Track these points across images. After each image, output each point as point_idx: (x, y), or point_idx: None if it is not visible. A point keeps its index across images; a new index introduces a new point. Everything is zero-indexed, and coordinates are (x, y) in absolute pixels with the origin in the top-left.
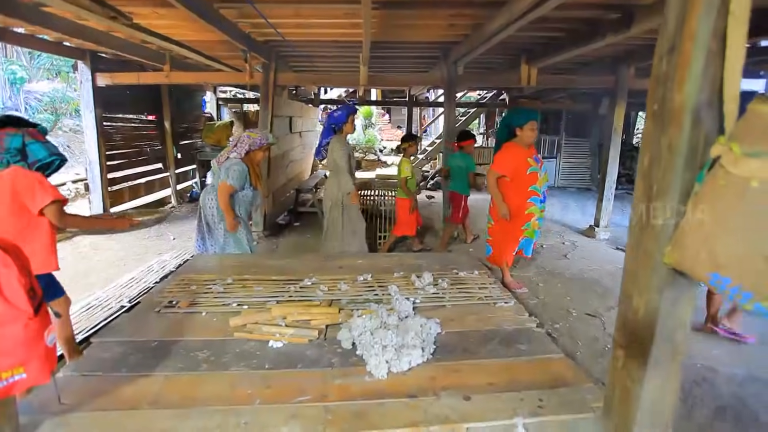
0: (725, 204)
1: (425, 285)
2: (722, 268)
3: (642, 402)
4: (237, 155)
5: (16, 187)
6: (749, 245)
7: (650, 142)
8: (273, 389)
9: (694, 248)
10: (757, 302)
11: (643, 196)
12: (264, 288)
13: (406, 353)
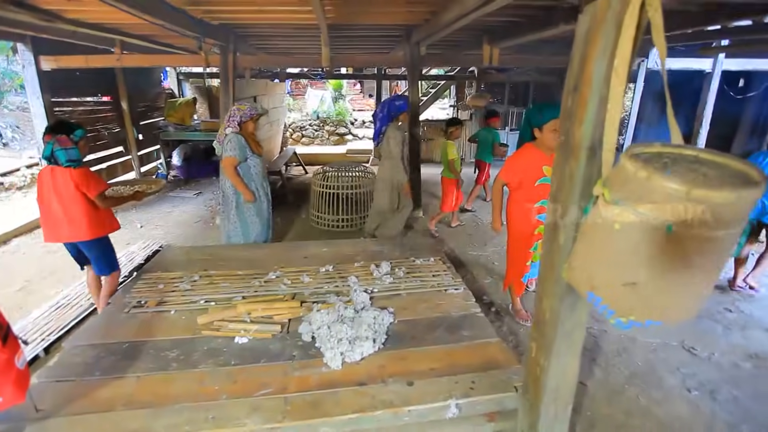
0: (598, 239)
1: (383, 275)
2: (596, 289)
3: (548, 384)
4: (232, 129)
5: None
6: (613, 274)
7: (558, 169)
8: (238, 384)
9: (579, 269)
10: (618, 318)
11: (552, 215)
12: (230, 284)
13: (359, 345)
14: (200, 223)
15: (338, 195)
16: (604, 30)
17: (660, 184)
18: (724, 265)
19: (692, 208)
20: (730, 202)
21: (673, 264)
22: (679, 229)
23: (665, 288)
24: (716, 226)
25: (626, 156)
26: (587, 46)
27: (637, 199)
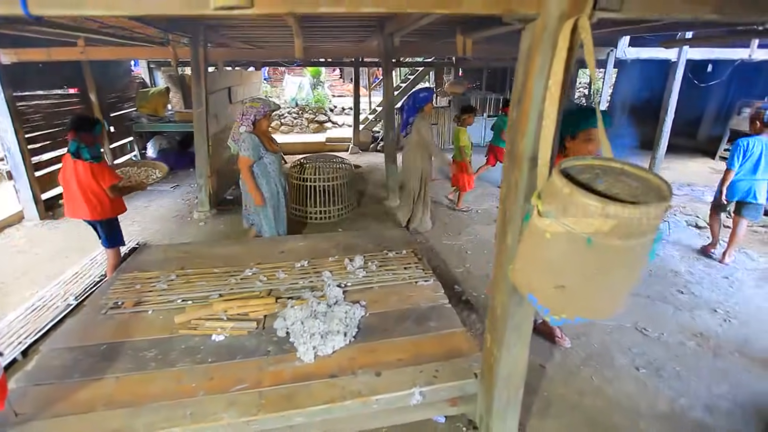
0: (534, 246)
1: (356, 269)
2: (534, 291)
3: (500, 372)
4: (246, 128)
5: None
6: (545, 278)
7: (506, 176)
8: (215, 380)
9: (520, 272)
10: (551, 316)
11: (501, 220)
12: (206, 282)
13: (331, 339)
14: (178, 218)
15: (315, 187)
16: (542, 49)
17: (580, 201)
18: (641, 268)
19: (606, 222)
20: (638, 217)
21: (595, 270)
22: (597, 239)
23: (590, 290)
24: (628, 237)
25: (556, 171)
26: (528, 63)
27: (563, 213)
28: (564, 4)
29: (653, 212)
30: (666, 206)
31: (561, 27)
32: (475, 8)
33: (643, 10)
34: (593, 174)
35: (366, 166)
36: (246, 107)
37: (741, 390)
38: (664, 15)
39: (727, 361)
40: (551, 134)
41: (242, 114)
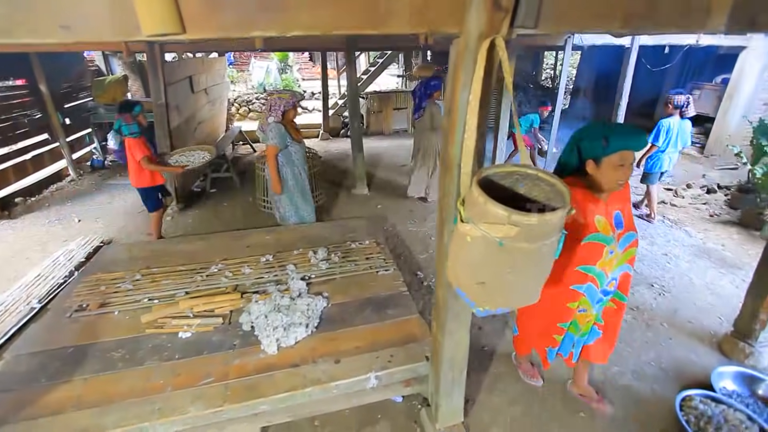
0: (459, 246)
1: (319, 261)
2: (461, 286)
3: (444, 355)
4: (275, 118)
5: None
6: (469, 275)
7: (441, 180)
8: (182, 376)
9: (451, 269)
10: (477, 308)
11: (439, 220)
12: (172, 280)
13: (293, 330)
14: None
15: None
16: (464, 66)
17: (491, 209)
18: (548, 265)
19: (513, 228)
20: (538, 224)
21: (508, 268)
22: (507, 243)
23: (505, 286)
24: (533, 240)
25: (475, 182)
26: (454, 78)
27: (479, 219)
28: (482, 25)
29: (552, 219)
30: (565, 212)
31: (480, 45)
32: (401, 28)
33: (557, 26)
34: (514, 179)
35: (336, 152)
36: (274, 99)
37: (665, 356)
38: (576, 30)
39: (656, 331)
40: (473, 145)
41: (270, 105)
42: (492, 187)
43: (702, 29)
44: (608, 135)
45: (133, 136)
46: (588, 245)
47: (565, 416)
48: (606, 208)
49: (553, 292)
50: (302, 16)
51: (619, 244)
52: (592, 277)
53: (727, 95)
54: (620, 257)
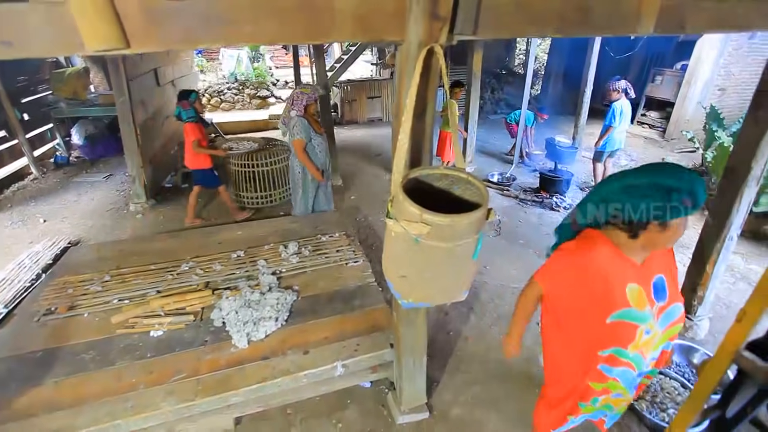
0: (387, 240)
1: (290, 255)
2: (389, 278)
3: (405, 342)
4: (297, 112)
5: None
6: (394, 268)
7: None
8: (154, 374)
9: (383, 261)
10: (402, 300)
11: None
12: (143, 280)
13: (263, 324)
14: (113, 211)
15: (255, 173)
16: (407, 71)
17: (406, 207)
18: (464, 265)
19: (425, 226)
20: (448, 225)
21: (424, 264)
22: (422, 240)
23: (423, 281)
24: (446, 240)
25: (400, 179)
26: (400, 82)
27: (400, 216)
28: (421, 34)
29: (463, 221)
30: (480, 215)
31: (420, 53)
32: (345, 38)
33: (495, 33)
34: (449, 182)
35: None
36: (297, 93)
37: None
38: (514, 35)
39: None
40: (404, 147)
41: (293, 99)
42: (432, 190)
43: (633, 33)
44: (689, 190)
45: (190, 121)
46: (615, 325)
47: (521, 393)
48: (643, 273)
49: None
50: (246, 28)
51: (659, 322)
52: (626, 361)
53: (685, 81)
54: (660, 337)
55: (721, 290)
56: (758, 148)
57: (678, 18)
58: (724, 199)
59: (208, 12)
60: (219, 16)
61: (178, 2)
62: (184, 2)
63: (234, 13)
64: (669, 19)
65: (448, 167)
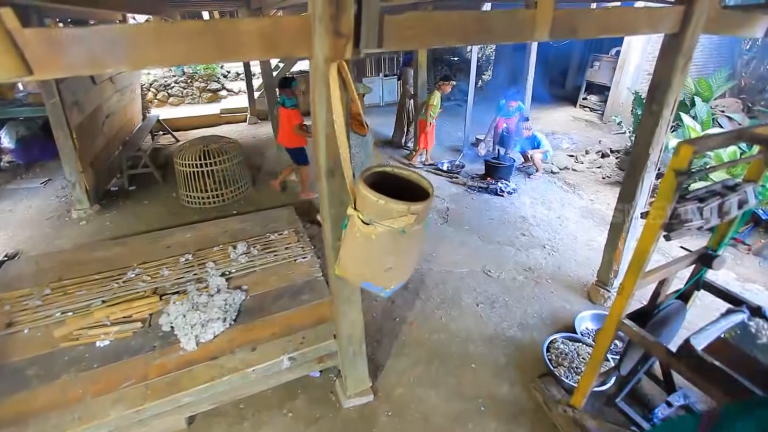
0: (362, 247)
1: (239, 255)
2: (368, 279)
3: (343, 333)
4: None
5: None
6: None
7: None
8: (102, 383)
9: (351, 269)
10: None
11: (323, 220)
12: (87, 291)
13: (211, 326)
14: (54, 219)
15: (203, 172)
16: (318, 85)
17: (393, 207)
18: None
19: (412, 216)
20: (426, 208)
21: (408, 248)
22: (408, 229)
23: (405, 263)
24: (421, 222)
25: (365, 188)
26: (314, 94)
27: (381, 218)
28: (326, 50)
29: (431, 200)
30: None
31: (328, 68)
32: (254, 55)
33: (400, 45)
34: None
35: (265, 137)
36: None
37: (546, 308)
38: (419, 46)
39: (542, 287)
40: (348, 158)
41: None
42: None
43: (530, 40)
44: None
45: (293, 108)
46: None
47: (459, 369)
48: None
49: None
50: (152, 52)
51: None
52: None
53: (618, 67)
54: None
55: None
56: (653, 137)
57: (570, 25)
58: (630, 183)
59: (111, 37)
60: (123, 41)
61: (80, 29)
62: (87, 29)
63: (139, 38)
64: (562, 27)
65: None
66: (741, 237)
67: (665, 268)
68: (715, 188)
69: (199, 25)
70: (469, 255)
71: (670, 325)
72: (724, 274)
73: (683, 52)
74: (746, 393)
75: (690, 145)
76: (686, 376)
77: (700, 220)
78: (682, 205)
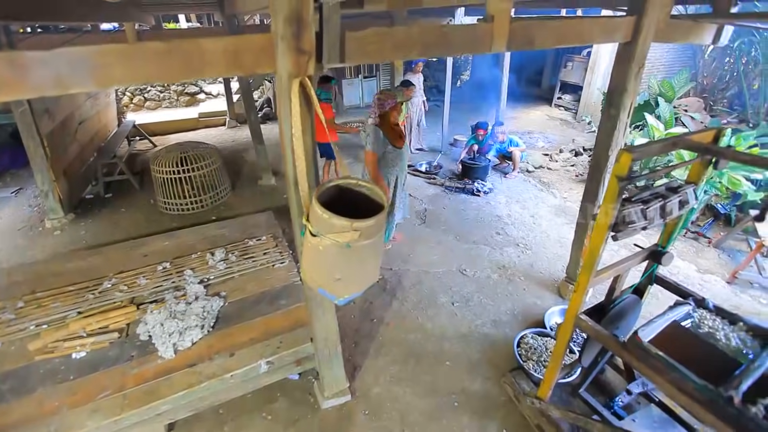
0: (313, 255)
1: (217, 262)
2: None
3: (318, 336)
4: (373, 121)
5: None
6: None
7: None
8: (78, 395)
9: (308, 274)
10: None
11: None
12: (61, 302)
13: (189, 333)
14: (26, 229)
15: (181, 179)
16: (283, 100)
17: (336, 222)
18: (381, 249)
19: (355, 233)
20: (373, 224)
21: (356, 262)
22: (353, 244)
23: (356, 275)
24: (370, 237)
25: (316, 202)
26: (279, 108)
27: (327, 231)
28: (290, 66)
29: (381, 217)
30: (385, 212)
31: (291, 84)
32: (220, 72)
33: (363, 59)
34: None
35: (245, 141)
36: (375, 98)
37: (519, 304)
38: (381, 60)
39: (515, 284)
40: (304, 171)
41: (372, 106)
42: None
43: (489, 52)
44: None
45: (327, 101)
46: None
47: (434, 367)
48: None
49: None
50: (117, 72)
51: None
52: None
53: (589, 68)
54: None
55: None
56: (612, 139)
57: (527, 37)
58: (592, 184)
59: (76, 59)
60: (88, 62)
61: (44, 53)
62: (51, 52)
63: (104, 59)
64: (519, 39)
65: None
66: (702, 231)
67: (618, 266)
68: (659, 191)
69: (163, 45)
70: (445, 255)
71: (626, 319)
72: (686, 266)
73: (636, 59)
74: (686, 381)
75: (629, 153)
76: (634, 365)
77: (643, 221)
78: (626, 208)
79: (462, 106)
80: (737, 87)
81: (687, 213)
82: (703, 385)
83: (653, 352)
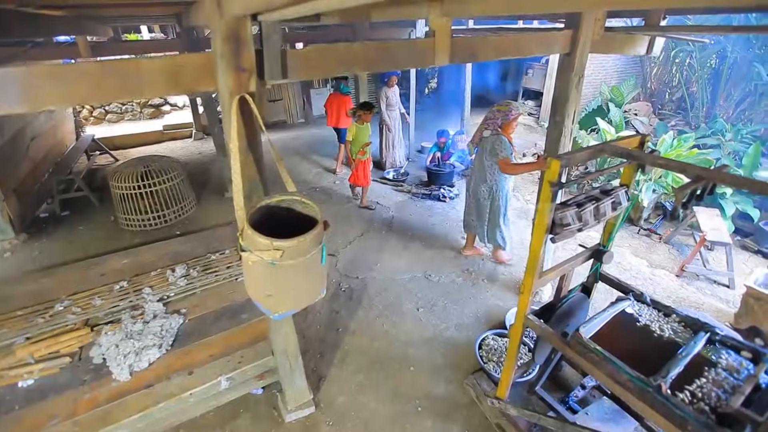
0: (247, 270)
1: (178, 279)
2: (256, 299)
3: (278, 348)
4: (492, 132)
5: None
6: (259, 290)
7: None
8: (23, 425)
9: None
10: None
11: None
12: (8, 328)
13: (146, 353)
14: None
15: (142, 194)
16: (228, 116)
17: (257, 240)
18: (316, 272)
19: (277, 252)
20: (296, 245)
21: (283, 281)
22: (277, 262)
23: (288, 293)
24: (296, 257)
25: (246, 216)
26: (225, 124)
27: (252, 247)
28: (231, 84)
29: (306, 239)
30: (318, 232)
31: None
32: (159, 92)
33: (306, 75)
34: (291, 201)
35: (211, 153)
36: (493, 111)
37: (482, 307)
38: (324, 76)
39: (479, 287)
40: (240, 186)
41: (487, 119)
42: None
43: (432, 65)
44: None
45: (348, 95)
46: None
47: (398, 373)
48: None
49: None
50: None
51: None
52: None
53: (548, 74)
54: None
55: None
56: (559, 145)
57: (469, 51)
58: None
59: (6, 80)
60: (18, 83)
61: None
62: None
63: (35, 81)
64: (462, 52)
65: (284, 193)
66: (654, 227)
67: (562, 266)
68: (593, 193)
69: (97, 66)
70: (411, 261)
71: (575, 316)
72: (638, 263)
73: (575, 69)
74: (620, 373)
75: (558, 160)
76: (575, 360)
77: (579, 223)
78: (561, 211)
79: (430, 113)
80: (680, 92)
81: (623, 213)
82: (635, 375)
83: (591, 347)
